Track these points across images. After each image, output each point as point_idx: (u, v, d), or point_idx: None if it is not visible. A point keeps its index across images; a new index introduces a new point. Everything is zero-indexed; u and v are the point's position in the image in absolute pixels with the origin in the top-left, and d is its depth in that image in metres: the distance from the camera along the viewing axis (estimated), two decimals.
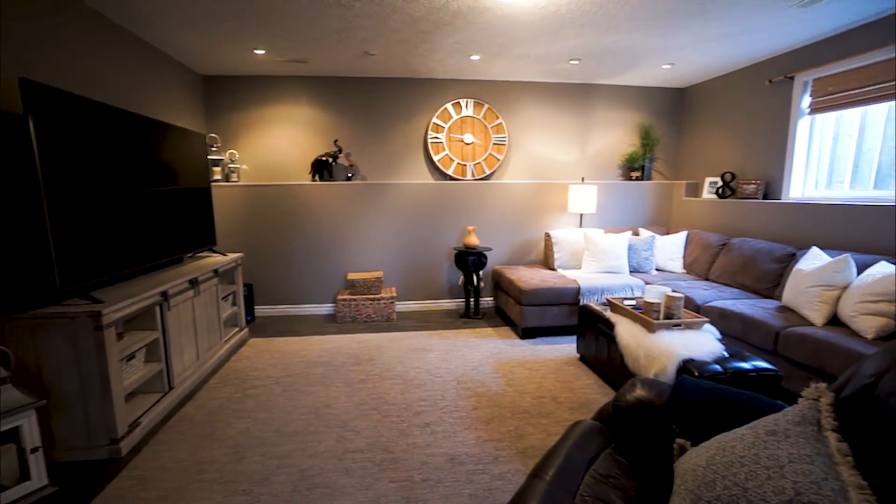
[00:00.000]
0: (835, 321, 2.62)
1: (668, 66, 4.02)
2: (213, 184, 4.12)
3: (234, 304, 3.79)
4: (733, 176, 4.14)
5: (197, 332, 3.00)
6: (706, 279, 3.92)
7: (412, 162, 4.55)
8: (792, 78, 3.57)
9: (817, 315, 2.64)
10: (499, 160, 4.57)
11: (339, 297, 4.25)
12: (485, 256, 4.25)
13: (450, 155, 4.51)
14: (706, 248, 4.05)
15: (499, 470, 2.04)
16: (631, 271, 4.18)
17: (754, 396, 1.36)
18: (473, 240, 4.26)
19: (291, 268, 4.48)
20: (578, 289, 3.71)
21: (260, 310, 4.50)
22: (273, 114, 4.33)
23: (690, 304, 3.27)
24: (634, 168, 4.81)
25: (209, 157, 4.10)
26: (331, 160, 4.32)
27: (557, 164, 4.76)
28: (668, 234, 4.56)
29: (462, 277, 4.37)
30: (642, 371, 2.42)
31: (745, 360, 2.28)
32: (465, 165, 4.55)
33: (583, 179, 4.70)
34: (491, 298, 4.78)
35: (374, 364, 3.25)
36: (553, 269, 4.32)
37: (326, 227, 4.47)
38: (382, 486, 1.94)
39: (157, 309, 2.56)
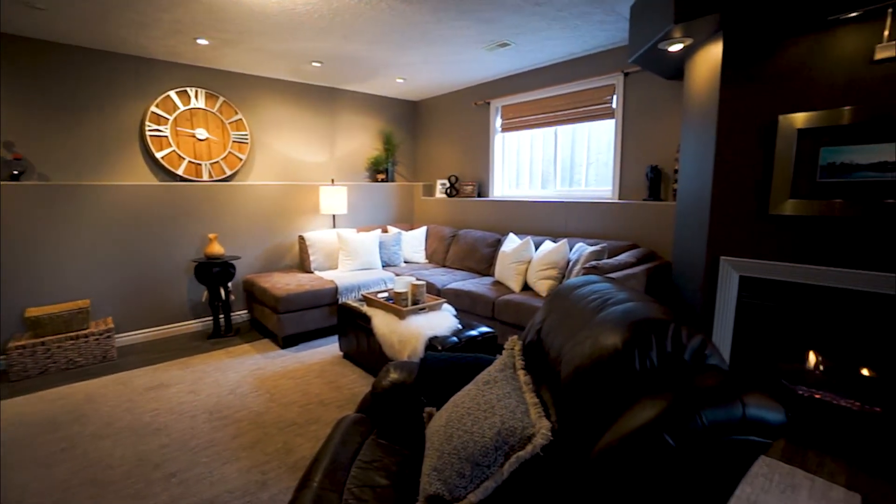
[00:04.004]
0: (527, 287, 3.52)
1: (401, 81, 4.50)
2: None
3: None
4: (457, 178, 5.00)
5: None
6: (444, 266, 4.63)
7: (125, 158, 3.65)
8: (488, 103, 4.57)
9: (515, 284, 3.50)
10: (241, 160, 4.17)
11: (14, 344, 3.05)
12: (232, 266, 3.82)
13: (178, 152, 3.83)
14: (441, 239, 4.77)
15: (268, 495, 1.90)
16: (383, 266, 4.53)
17: (477, 356, 1.70)
18: (216, 248, 3.77)
19: None
20: (336, 288, 3.78)
21: None
22: None
23: (433, 289, 3.79)
24: (380, 171, 5.21)
25: None
26: None
27: (307, 165, 4.69)
28: (411, 229, 5.14)
29: (206, 293, 3.81)
30: (398, 355, 2.68)
31: (473, 328, 2.82)
32: (199, 165, 3.95)
33: (332, 181, 4.79)
34: (245, 311, 4.34)
35: (83, 423, 2.49)
36: (310, 271, 4.26)
37: None
38: None
39: None
